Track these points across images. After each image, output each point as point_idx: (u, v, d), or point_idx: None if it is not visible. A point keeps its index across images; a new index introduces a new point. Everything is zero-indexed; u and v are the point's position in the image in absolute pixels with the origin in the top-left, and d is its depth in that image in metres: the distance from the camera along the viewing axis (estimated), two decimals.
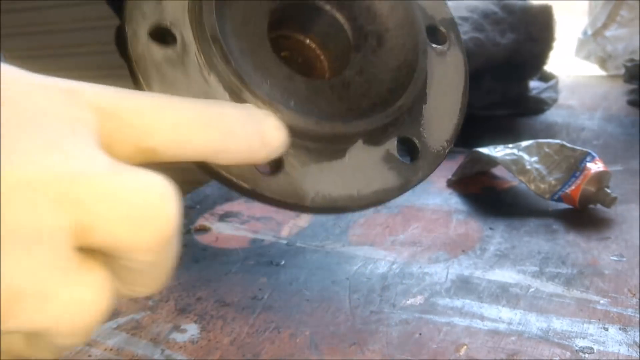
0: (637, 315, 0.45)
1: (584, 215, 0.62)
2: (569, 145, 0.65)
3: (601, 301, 0.47)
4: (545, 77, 1.01)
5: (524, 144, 0.67)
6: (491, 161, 0.69)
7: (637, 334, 0.43)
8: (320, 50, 0.40)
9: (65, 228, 0.18)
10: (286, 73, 0.34)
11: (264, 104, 0.30)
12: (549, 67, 0.99)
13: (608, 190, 0.61)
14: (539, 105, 0.95)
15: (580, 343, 0.43)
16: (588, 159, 0.62)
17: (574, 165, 0.63)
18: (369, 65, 0.37)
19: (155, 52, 0.30)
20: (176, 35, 0.31)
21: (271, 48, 0.34)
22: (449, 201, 0.67)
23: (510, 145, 0.68)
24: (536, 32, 0.88)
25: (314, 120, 0.31)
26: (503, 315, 0.47)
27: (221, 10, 0.32)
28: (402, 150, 0.35)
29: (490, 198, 0.68)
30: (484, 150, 0.69)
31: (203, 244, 0.61)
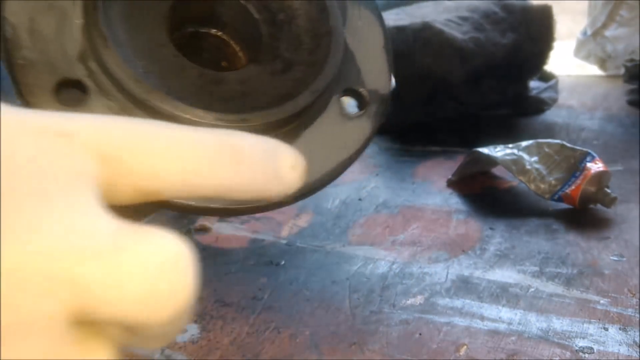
0: (637, 315, 0.45)
1: (584, 215, 0.62)
2: (569, 145, 0.65)
3: (601, 301, 0.47)
4: (545, 77, 1.01)
5: (524, 144, 0.67)
6: (491, 161, 0.69)
7: (637, 334, 0.43)
8: (234, 42, 0.41)
9: (63, 313, 0.16)
10: (198, 72, 0.35)
11: (184, 113, 0.31)
12: (548, 67, 0.98)
13: (608, 190, 0.61)
14: (539, 105, 0.94)
15: (580, 343, 0.43)
16: (588, 159, 0.63)
17: (574, 165, 0.63)
18: (283, 46, 0.38)
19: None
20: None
21: (176, 48, 0.35)
22: (449, 201, 0.67)
23: (510, 145, 0.68)
24: (536, 32, 0.88)
25: (244, 116, 0.33)
26: (503, 315, 0.47)
27: (109, 20, 0.34)
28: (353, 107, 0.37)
29: (490, 198, 0.68)
30: (484, 150, 0.69)
31: (203, 244, 0.61)
